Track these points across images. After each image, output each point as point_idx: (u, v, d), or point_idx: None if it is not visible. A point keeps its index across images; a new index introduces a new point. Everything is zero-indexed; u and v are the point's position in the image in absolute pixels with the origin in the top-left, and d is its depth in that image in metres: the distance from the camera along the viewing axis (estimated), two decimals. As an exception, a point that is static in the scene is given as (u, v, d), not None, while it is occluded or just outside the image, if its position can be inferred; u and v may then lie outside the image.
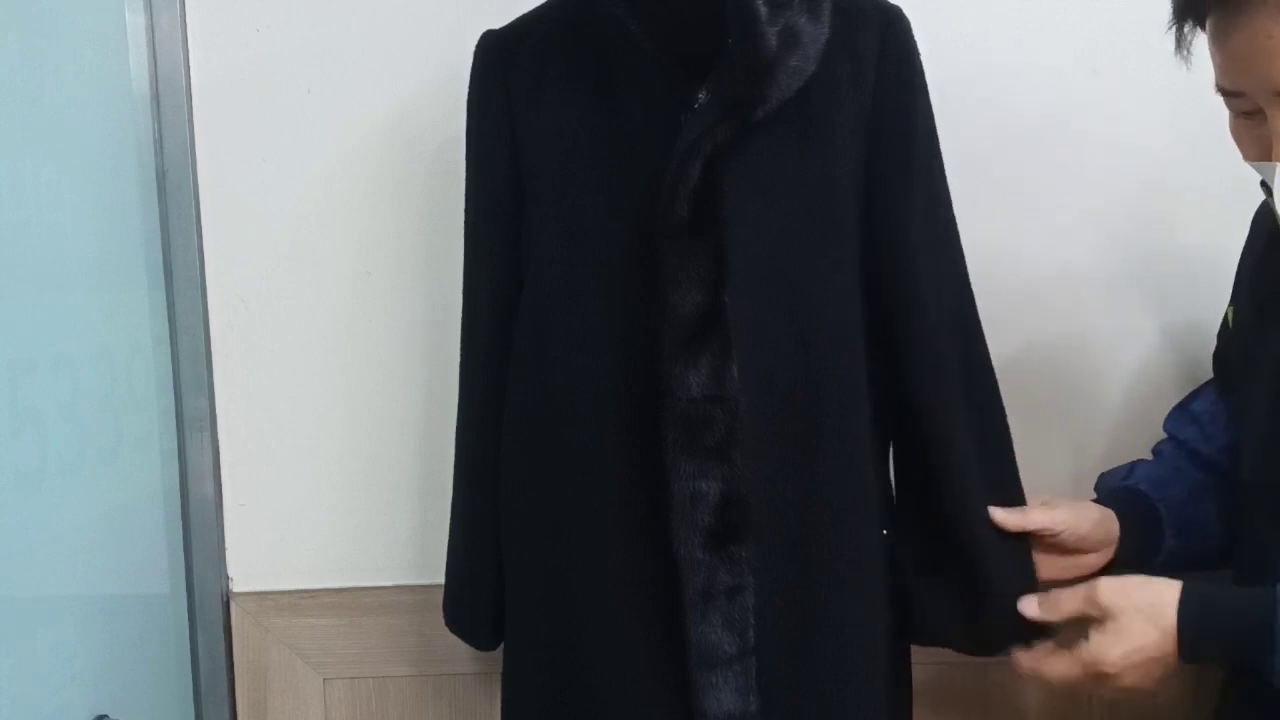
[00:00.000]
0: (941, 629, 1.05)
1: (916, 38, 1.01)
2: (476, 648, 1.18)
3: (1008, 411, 1.07)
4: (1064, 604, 0.99)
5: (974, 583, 1.02)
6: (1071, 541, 1.06)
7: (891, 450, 1.07)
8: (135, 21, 1.23)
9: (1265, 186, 0.99)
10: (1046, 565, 1.06)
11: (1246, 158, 0.93)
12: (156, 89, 1.25)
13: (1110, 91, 1.27)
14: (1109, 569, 1.07)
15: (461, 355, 1.13)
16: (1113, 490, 1.13)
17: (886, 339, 1.01)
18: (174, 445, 1.28)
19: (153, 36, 1.24)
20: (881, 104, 0.99)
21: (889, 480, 1.07)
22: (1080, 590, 0.98)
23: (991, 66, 1.26)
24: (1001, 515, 1.03)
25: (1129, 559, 1.09)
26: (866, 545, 1.01)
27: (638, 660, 0.99)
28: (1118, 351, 1.30)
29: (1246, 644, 0.91)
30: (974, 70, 1.25)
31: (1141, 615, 0.93)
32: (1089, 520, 1.07)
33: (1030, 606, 1.01)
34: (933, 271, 1.02)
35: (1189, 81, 0.94)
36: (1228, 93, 0.91)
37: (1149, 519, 1.10)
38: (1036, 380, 1.28)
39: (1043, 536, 1.05)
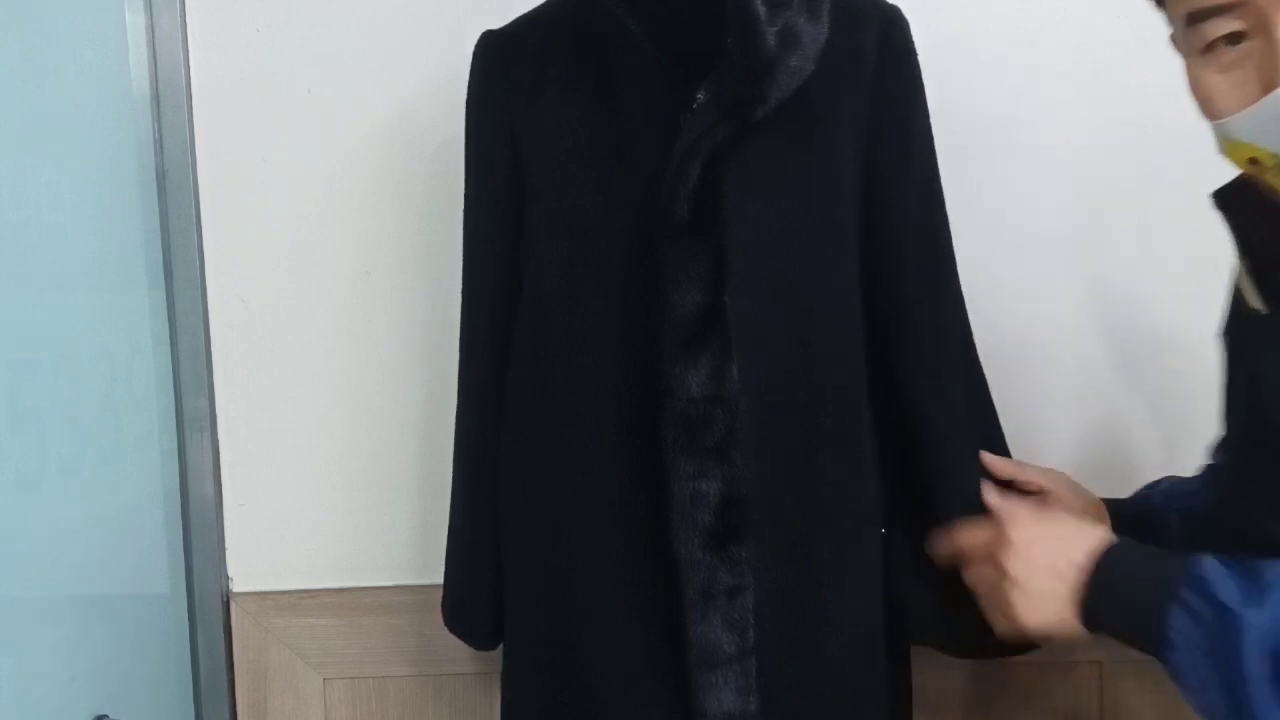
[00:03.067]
0: (935, 630, 1.05)
1: (915, 37, 1.01)
2: (476, 647, 1.18)
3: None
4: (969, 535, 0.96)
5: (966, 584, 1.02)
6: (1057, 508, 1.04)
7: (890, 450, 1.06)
8: (135, 21, 1.23)
9: (1216, 199, 0.92)
10: None
11: (1220, 112, 0.81)
12: (156, 89, 1.25)
13: (1109, 91, 1.27)
14: None
15: (461, 355, 1.13)
16: (1123, 500, 1.10)
17: (885, 338, 1.01)
18: (174, 445, 1.28)
19: (153, 36, 1.24)
20: (880, 104, 0.99)
21: (889, 480, 1.07)
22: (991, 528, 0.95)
23: (989, 66, 1.26)
24: (996, 462, 1.04)
25: None
26: (866, 545, 1.01)
27: (638, 660, 0.99)
28: (1102, 349, 1.30)
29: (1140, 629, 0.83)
30: (972, 69, 1.25)
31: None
32: (1081, 497, 1.06)
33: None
34: (929, 271, 1.02)
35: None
36: (1209, 13, 0.79)
37: (1150, 521, 1.06)
38: (1019, 374, 1.28)
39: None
